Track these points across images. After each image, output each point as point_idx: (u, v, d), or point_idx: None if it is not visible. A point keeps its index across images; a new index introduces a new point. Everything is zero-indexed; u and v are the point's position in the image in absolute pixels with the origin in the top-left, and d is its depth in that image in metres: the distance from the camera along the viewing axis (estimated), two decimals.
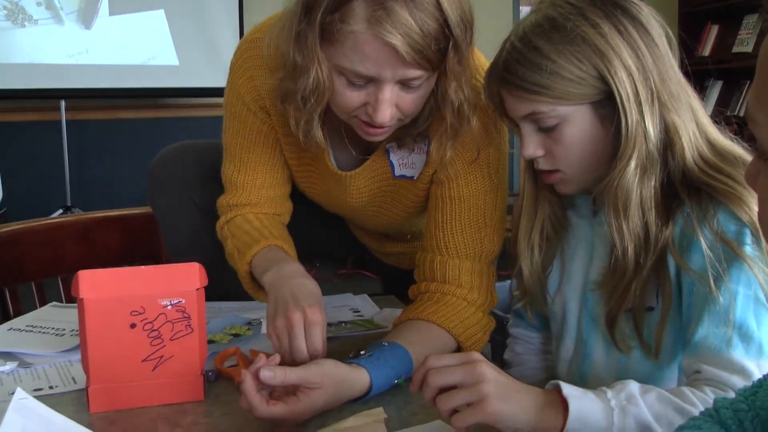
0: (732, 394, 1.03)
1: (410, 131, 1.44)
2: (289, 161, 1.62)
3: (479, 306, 1.42)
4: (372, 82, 1.27)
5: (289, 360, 1.26)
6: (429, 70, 1.26)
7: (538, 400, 1.01)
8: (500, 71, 1.23)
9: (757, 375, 1.06)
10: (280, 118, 1.53)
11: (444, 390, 1.00)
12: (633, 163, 1.17)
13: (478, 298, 1.42)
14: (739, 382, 1.05)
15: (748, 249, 1.12)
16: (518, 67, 1.20)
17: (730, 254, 1.12)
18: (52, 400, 1.18)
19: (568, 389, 1.01)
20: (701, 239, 1.13)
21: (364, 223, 1.79)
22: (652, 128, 1.17)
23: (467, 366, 1.00)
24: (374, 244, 1.89)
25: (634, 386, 1.04)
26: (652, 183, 1.19)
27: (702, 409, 1.02)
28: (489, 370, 1.00)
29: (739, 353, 1.08)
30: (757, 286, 1.10)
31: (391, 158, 1.52)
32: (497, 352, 2.34)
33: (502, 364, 1.54)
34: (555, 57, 1.17)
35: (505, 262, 1.45)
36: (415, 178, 1.53)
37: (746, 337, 1.09)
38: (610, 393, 1.03)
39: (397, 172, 1.53)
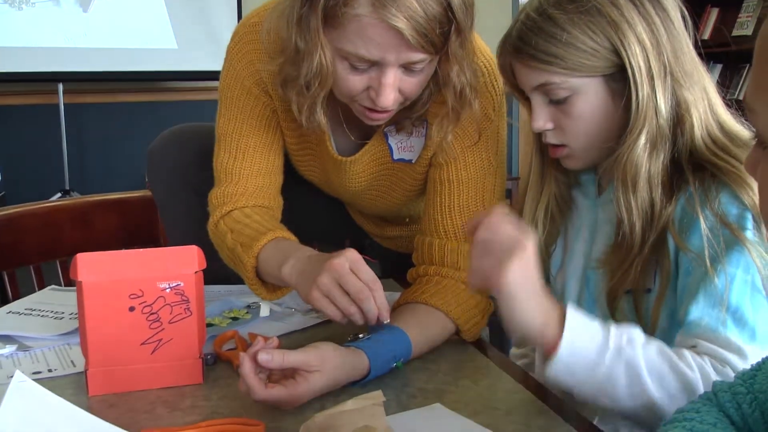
0: (729, 371, 1.04)
1: (408, 115, 1.44)
2: (289, 146, 1.62)
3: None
4: (375, 66, 1.27)
5: (349, 309, 1.22)
6: (432, 54, 1.26)
7: (549, 313, 1.05)
8: (514, 41, 1.24)
9: (751, 358, 1.06)
10: (282, 103, 1.52)
11: None
12: (643, 138, 1.17)
13: None
14: (735, 361, 1.06)
15: (749, 233, 1.12)
16: (532, 37, 1.21)
17: (730, 237, 1.12)
18: (50, 383, 1.18)
19: (572, 319, 1.05)
20: (701, 220, 1.13)
21: (363, 207, 1.79)
22: (663, 104, 1.17)
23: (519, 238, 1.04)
24: (373, 227, 1.89)
25: (638, 333, 1.06)
26: (661, 159, 1.19)
27: (698, 375, 1.03)
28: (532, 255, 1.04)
29: (733, 334, 1.09)
30: (755, 271, 1.11)
31: (389, 142, 1.52)
32: (496, 335, 2.35)
33: (501, 347, 1.55)
34: (569, 27, 1.18)
35: None
36: (413, 161, 1.53)
37: (740, 321, 1.09)
38: (614, 331, 1.05)
39: (396, 155, 1.53)
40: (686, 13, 1.22)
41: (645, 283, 1.22)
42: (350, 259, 1.23)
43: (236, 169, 1.55)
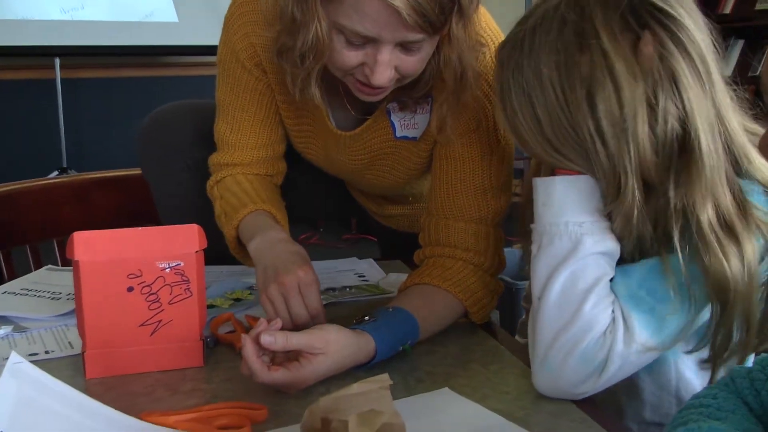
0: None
1: (411, 93, 1.43)
2: (285, 121, 1.61)
3: (486, 269, 1.42)
4: (371, 42, 1.26)
5: (289, 325, 1.26)
6: (430, 34, 1.25)
7: None
8: None
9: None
10: (277, 76, 1.52)
11: None
12: None
13: (485, 261, 1.42)
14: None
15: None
16: None
17: None
18: (47, 365, 1.18)
19: None
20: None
21: (364, 186, 1.79)
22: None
23: None
24: (374, 206, 1.88)
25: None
26: None
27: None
28: None
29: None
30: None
31: (392, 119, 1.51)
32: (506, 318, 2.36)
33: (511, 329, 1.55)
34: None
35: (514, 227, 1.45)
36: (417, 138, 1.52)
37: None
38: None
39: (399, 133, 1.52)
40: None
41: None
42: (302, 281, 1.29)
43: (232, 140, 1.60)
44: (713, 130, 1.09)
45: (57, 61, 5.04)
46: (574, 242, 1.11)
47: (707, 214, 1.06)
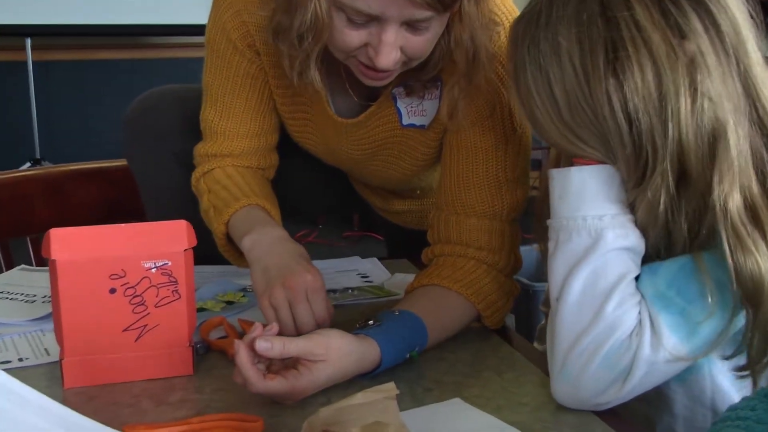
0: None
1: (419, 76, 1.43)
2: (280, 108, 1.62)
3: (501, 269, 1.43)
4: (375, 21, 1.26)
5: (293, 334, 1.27)
6: (440, 11, 1.25)
7: None
8: None
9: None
10: (271, 58, 1.53)
11: None
12: None
13: (499, 260, 1.42)
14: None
15: None
16: None
17: None
18: (22, 373, 1.19)
19: None
20: None
21: (368, 179, 1.79)
22: None
23: None
24: (379, 201, 1.89)
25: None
26: None
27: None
28: None
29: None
30: None
31: (398, 105, 1.51)
32: (522, 323, 2.36)
33: (528, 334, 1.55)
34: None
35: (531, 223, 1.46)
36: (425, 126, 1.52)
37: None
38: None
39: (405, 120, 1.52)
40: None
41: None
42: (310, 286, 1.29)
43: (221, 128, 1.60)
44: (742, 112, 1.09)
45: (28, 41, 5.03)
46: (594, 237, 1.11)
47: (736, 206, 1.06)
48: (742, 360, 1.12)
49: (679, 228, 1.11)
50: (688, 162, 1.08)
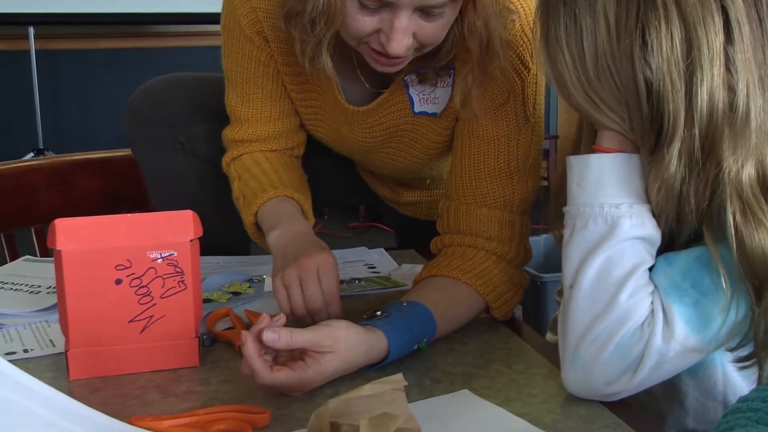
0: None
1: (431, 64, 1.43)
2: (291, 95, 1.62)
3: (510, 260, 1.43)
4: (387, 6, 1.26)
5: (301, 311, 1.29)
6: None
7: None
8: None
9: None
10: (280, 45, 1.53)
11: None
12: None
13: (509, 251, 1.42)
14: None
15: None
16: None
17: None
18: (27, 365, 1.20)
19: None
20: None
21: (377, 167, 1.79)
22: None
23: None
24: (388, 192, 1.89)
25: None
26: None
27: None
28: None
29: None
30: None
31: (410, 92, 1.51)
32: (530, 314, 2.36)
33: (536, 325, 1.55)
34: None
35: (540, 213, 1.45)
36: (437, 114, 1.52)
37: None
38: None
39: (417, 108, 1.53)
40: None
41: None
42: (321, 263, 1.31)
43: (244, 114, 1.63)
44: (766, 84, 1.08)
45: (31, 30, 5.04)
46: (610, 225, 1.11)
47: (748, 176, 1.05)
48: (744, 351, 1.12)
49: (688, 203, 1.10)
50: (707, 130, 1.06)
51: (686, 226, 1.13)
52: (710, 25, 1.04)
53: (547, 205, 1.35)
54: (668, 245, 1.15)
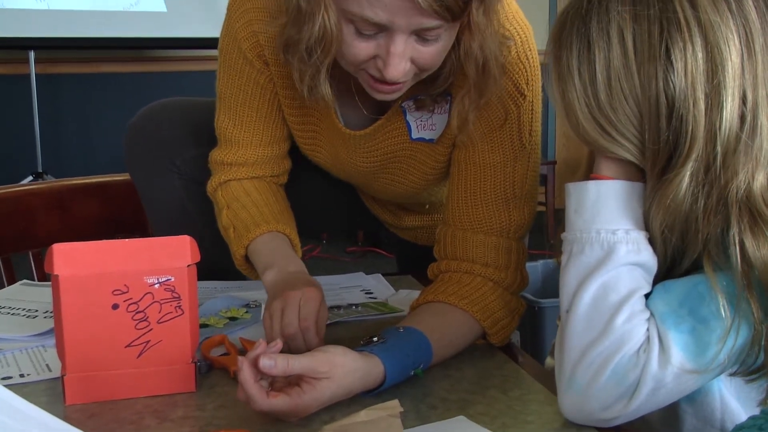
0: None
1: (429, 90, 1.44)
2: (289, 120, 1.63)
3: (507, 287, 1.43)
4: (384, 31, 1.27)
5: (276, 336, 1.30)
6: (449, 20, 1.26)
7: None
8: None
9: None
10: (280, 70, 1.54)
11: None
12: None
13: (506, 278, 1.43)
14: None
15: None
16: None
17: None
18: (23, 389, 1.20)
19: None
20: None
21: (376, 192, 1.80)
22: None
23: None
24: (388, 216, 1.89)
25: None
26: None
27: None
28: None
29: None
30: None
31: (407, 119, 1.52)
32: (527, 340, 2.36)
33: (533, 351, 1.55)
34: None
35: (537, 239, 1.46)
36: (434, 141, 1.53)
37: None
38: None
39: (414, 134, 1.53)
40: None
41: None
42: (305, 294, 1.33)
43: (234, 136, 1.62)
44: None
45: (31, 54, 5.05)
46: (607, 251, 1.11)
47: (760, 187, 1.06)
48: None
49: (695, 222, 1.10)
50: (727, 146, 1.07)
51: (689, 253, 1.13)
52: (731, 41, 1.06)
53: (543, 231, 1.35)
54: (666, 274, 1.16)
